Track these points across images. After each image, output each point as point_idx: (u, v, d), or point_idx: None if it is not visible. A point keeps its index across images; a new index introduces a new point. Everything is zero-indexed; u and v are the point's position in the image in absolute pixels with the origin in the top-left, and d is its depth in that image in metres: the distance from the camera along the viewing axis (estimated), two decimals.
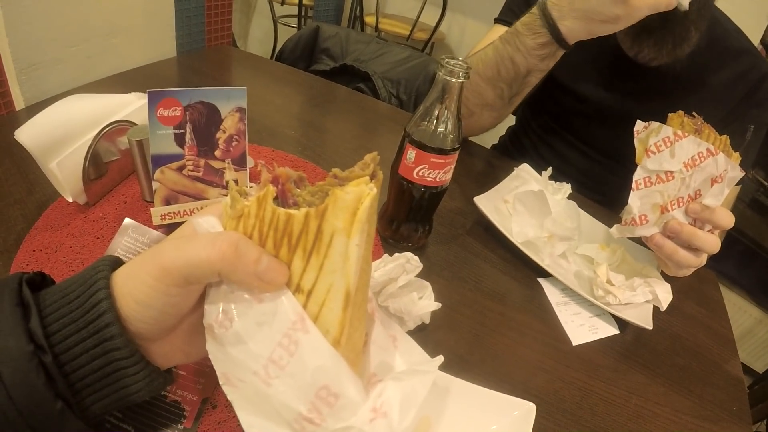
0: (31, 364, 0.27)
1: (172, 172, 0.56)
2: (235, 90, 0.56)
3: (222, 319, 0.29)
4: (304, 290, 0.29)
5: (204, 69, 1.14)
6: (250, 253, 0.28)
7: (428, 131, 0.59)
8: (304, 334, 0.28)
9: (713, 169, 0.62)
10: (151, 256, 0.29)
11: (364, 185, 0.28)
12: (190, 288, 0.29)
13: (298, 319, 0.28)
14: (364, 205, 0.27)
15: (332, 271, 0.28)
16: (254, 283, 0.28)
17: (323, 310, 0.29)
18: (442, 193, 0.63)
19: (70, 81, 0.95)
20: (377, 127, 1.07)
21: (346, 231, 0.27)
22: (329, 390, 0.28)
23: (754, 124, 0.86)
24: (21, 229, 0.57)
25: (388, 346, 0.36)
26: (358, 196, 0.27)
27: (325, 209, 0.27)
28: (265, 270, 0.28)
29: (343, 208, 0.27)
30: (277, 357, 0.28)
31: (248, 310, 0.29)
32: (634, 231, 0.66)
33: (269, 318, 0.29)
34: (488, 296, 0.66)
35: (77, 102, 0.62)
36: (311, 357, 0.28)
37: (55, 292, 0.30)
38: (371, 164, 0.30)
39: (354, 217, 0.27)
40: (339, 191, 0.27)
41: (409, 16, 2.70)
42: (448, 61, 0.55)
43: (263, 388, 0.29)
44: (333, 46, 1.35)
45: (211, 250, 0.28)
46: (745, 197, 1.94)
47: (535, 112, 1.08)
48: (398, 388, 0.30)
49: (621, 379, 0.59)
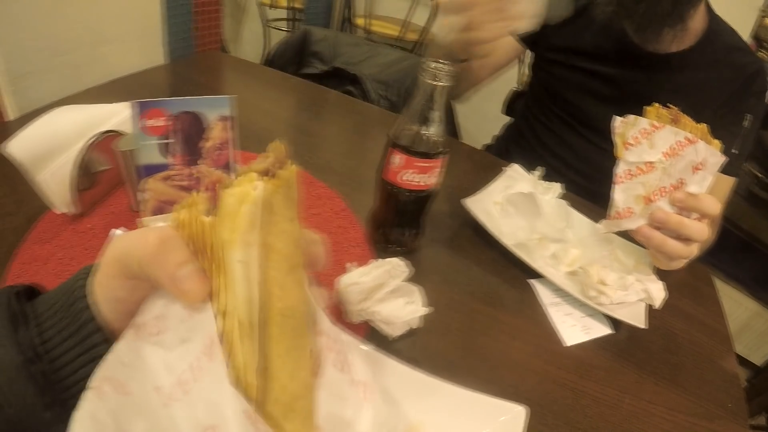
0: (21, 375, 0.27)
1: (158, 182, 0.56)
2: (220, 98, 0.56)
3: (152, 324, 0.26)
4: (221, 311, 0.25)
5: (193, 76, 1.13)
6: (176, 254, 0.25)
7: (413, 135, 0.58)
8: (209, 362, 0.24)
9: (693, 156, 0.62)
10: (105, 251, 0.29)
11: (247, 184, 0.23)
12: (133, 283, 0.28)
13: (209, 342, 0.25)
14: (241, 211, 0.22)
15: (233, 292, 0.24)
16: (169, 287, 0.25)
17: (235, 338, 0.24)
18: (429, 197, 0.63)
19: (59, 90, 0.95)
20: (367, 130, 1.07)
21: (230, 242, 0.23)
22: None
23: (750, 114, 0.89)
24: (11, 241, 0.57)
25: (349, 396, 0.30)
26: (240, 198, 0.23)
27: (216, 217, 0.23)
28: (183, 277, 0.25)
29: (227, 214, 0.23)
30: (185, 379, 0.25)
31: (179, 324, 0.26)
32: (620, 224, 0.66)
33: (192, 335, 0.25)
34: (479, 299, 0.66)
35: (65, 114, 0.62)
36: (208, 390, 0.24)
37: (44, 302, 0.30)
38: (271, 155, 0.25)
39: (234, 225, 0.23)
40: (224, 193, 0.23)
41: (399, 17, 2.70)
42: (429, 64, 0.54)
43: (155, 407, 0.25)
44: (323, 49, 1.35)
45: (137, 240, 0.26)
46: (740, 190, 1.94)
47: (540, 102, 1.09)
48: None
49: (614, 379, 0.59)
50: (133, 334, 0.27)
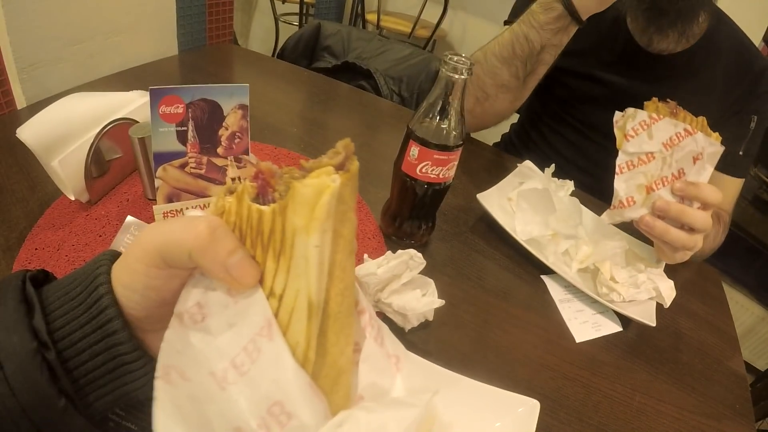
0: (35, 361, 0.27)
1: (175, 169, 0.56)
2: (238, 87, 0.56)
3: (194, 312, 0.27)
4: (276, 294, 0.26)
5: (206, 67, 1.14)
6: (226, 242, 0.26)
7: (432, 128, 0.58)
8: (268, 342, 0.26)
9: (693, 147, 0.63)
10: (137, 238, 0.29)
11: (325, 176, 0.25)
12: (171, 272, 0.28)
13: (266, 324, 0.26)
14: (323, 200, 0.24)
15: (297, 275, 0.25)
16: (221, 275, 0.26)
17: (292, 319, 0.26)
18: (445, 190, 0.63)
19: (71, 80, 0.95)
20: (380, 124, 1.07)
21: (305, 230, 0.24)
22: (282, 407, 0.25)
23: (757, 115, 0.88)
24: (23, 227, 0.57)
25: (386, 367, 0.33)
26: (317, 189, 0.24)
27: (286, 205, 0.25)
28: (235, 264, 0.26)
29: (302, 204, 0.24)
30: (240, 362, 0.26)
31: (223, 310, 0.27)
32: (623, 214, 0.67)
33: (240, 319, 0.26)
34: (491, 293, 0.66)
35: (79, 100, 0.62)
36: (270, 368, 0.25)
37: (57, 288, 0.30)
38: (342, 152, 0.27)
39: (312, 214, 0.24)
40: (298, 184, 0.24)
41: (411, 13, 2.70)
42: (451, 57, 0.55)
43: (214, 391, 0.26)
44: (334, 43, 1.34)
45: (186, 229, 0.26)
46: (747, 195, 1.93)
47: (546, 104, 1.08)
48: (364, 421, 0.26)
49: (624, 377, 0.59)
50: (178, 323, 0.27)
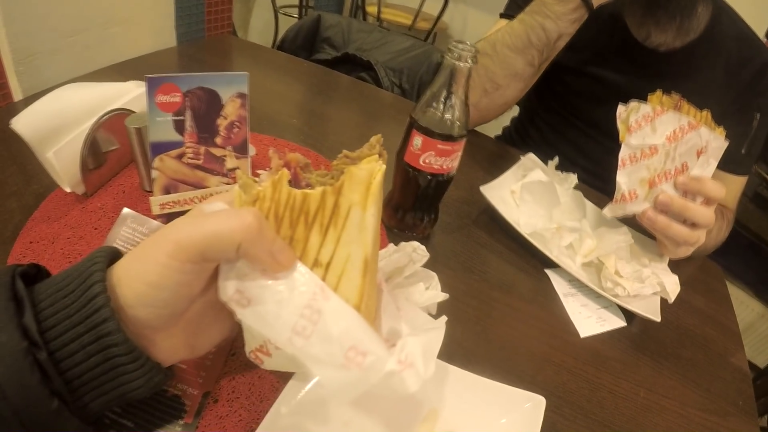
0: (26, 362, 0.26)
1: (172, 160, 0.55)
2: (236, 75, 0.55)
3: (239, 298, 0.31)
4: (323, 263, 0.32)
5: (204, 58, 1.12)
6: (270, 231, 0.30)
7: (435, 117, 0.57)
8: (326, 302, 0.30)
9: (697, 140, 0.62)
10: (162, 235, 0.29)
11: (374, 162, 0.31)
12: (205, 266, 0.29)
13: (319, 289, 0.31)
14: (376, 180, 0.31)
15: (349, 242, 0.31)
16: (268, 261, 0.30)
17: (342, 280, 0.31)
18: (448, 181, 0.62)
19: (68, 71, 0.94)
20: (380, 115, 1.05)
21: (361, 204, 0.31)
22: (357, 350, 0.30)
23: (760, 112, 0.87)
24: (18, 220, 0.56)
25: (395, 314, 0.39)
26: (370, 171, 0.31)
27: (342, 185, 0.31)
28: (278, 251, 0.30)
29: (358, 183, 0.30)
30: (300, 328, 0.30)
31: (264, 291, 0.30)
32: (625, 208, 0.66)
33: (287, 295, 0.30)
34: (495, 287, 0.65)
35: (74, 90, 0.61)
36: (335, 322, 0.30)
37: (50, 285, 0.29)
38: (377, 145, 0.34)
39: (368, 191, 0.31)
40: (354, 168, 0.31)
41: (412, 5, 2.68)
42: (456, 45, 0.54)
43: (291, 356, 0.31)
44: (335, 35, 1.33)
45: (235, 221, 0.28)
46: (748, 192, 1.93)
47: (544, 100, 1.07)
48: (417, 342, 0.32)
49: (629, 372, 0.59)
50: (234, 307, 0.31)
